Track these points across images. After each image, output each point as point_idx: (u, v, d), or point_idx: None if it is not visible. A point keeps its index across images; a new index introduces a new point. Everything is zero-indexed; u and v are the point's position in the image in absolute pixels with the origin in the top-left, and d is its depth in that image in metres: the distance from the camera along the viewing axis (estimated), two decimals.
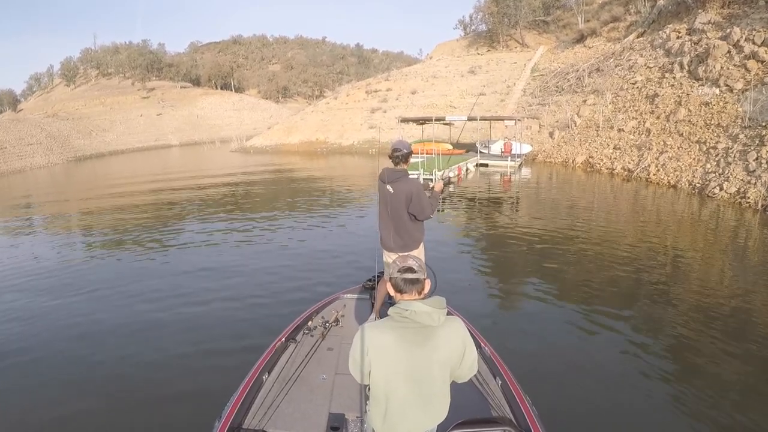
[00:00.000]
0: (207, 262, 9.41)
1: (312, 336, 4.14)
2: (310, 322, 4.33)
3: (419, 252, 4.68)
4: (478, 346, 3.72)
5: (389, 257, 4.54)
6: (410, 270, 2.11)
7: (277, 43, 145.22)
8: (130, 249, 10.87)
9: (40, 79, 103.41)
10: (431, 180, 17.00)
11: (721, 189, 13.83)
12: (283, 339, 3.99)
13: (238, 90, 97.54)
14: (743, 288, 7.32)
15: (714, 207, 13.03)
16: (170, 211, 15.80)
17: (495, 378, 3.43)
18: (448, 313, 2.20)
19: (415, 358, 2.04)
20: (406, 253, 2.30)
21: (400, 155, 4.43)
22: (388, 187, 4.47)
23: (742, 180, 13.58)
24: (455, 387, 2.28)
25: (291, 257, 9.56)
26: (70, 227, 14.44)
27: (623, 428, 4.15)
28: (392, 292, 2.16)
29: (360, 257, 9.01)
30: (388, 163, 4.61)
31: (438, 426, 2.24)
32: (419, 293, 2.12)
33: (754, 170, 13.47)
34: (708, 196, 14.08)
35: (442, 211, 13.64)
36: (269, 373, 3.54)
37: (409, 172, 4.58)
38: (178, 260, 9.74)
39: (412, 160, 4.71)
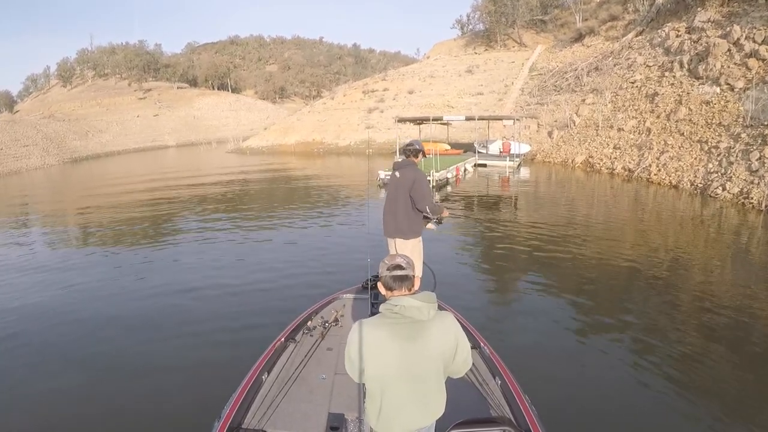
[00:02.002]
0: (205, 263, 9.33)
1: (311, 336, 4.10)
2: (309, 322, 4.30)
3: (415, 245, 4.96)
4: (477, 346, 3.72)
5: (391, 245, 5.00)
6: (398, 267, 2.12)
7: (274, 43, 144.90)
8: (125, 251, 10.70)
9: (37, 80, 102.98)
10: (429, 181, 16.78)
11: (724, 189, 13.63)
12: (283, 339, 3.95)
13: (235, 90, 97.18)
14: (745, 290, 7.17)
15: (717, 207, 12.84)
16: (166, 212, 15.57)
17: (494, 378, 3.39)
18: (440, 308, 2.19)
19: (408, 354, 2.04)
20: (389, 255, 2.29)
21: (411, 149, 5.01)
22: (396, 172, 4.97)
23: (744, 180, 13.38)
24: (454, 386, 2.23)
25: (289, 258, 9.47)
26: (67, 227, 14.25)
27: (622, 428, 4.13)
28: (383, 291, 2.18)
29: (359, 257, 8.79)
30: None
31: (437, 425, 2.22)
32: (409, 290, 2.13)
33: (757, 170, 13.27)
34: (710, 196, 13.89)
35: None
36: (269, 373, 3.51)
37: None
38: (176, 261, 9.65)
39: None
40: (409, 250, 4.90)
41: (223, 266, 9.06)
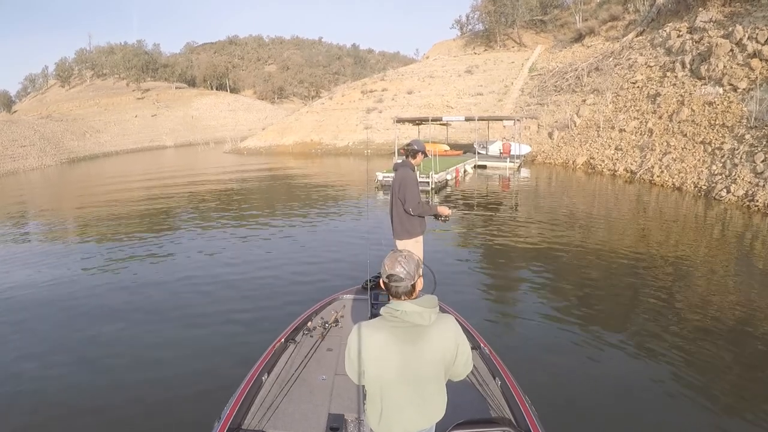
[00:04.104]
0: (204, 264, 9.38)
1: (311, 336, 4.12)
2: (309, 323, 4.32)
3: (412, 246, 4.95)
4: (477, 346, 3.74)
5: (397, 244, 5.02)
6: (395, 278, 2.07)
7: (273, 43, 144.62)
8: (125, 252, 10.67)
9: (35, 80, 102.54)
10: (427, 183, 16.60)
11: (729, 192, 13.40)
12: (283, 339, 3.97)
13: (234, 91, 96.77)
14: (748, 295, 7.09)
15: (721, 210, 12.63)
16: (164, 213, 15.41)
17: (494, 378, 3.41)
18: (442, 311, 2.17)
19: (408, 357, 2.03)
20: (398, 252, 2.18)
21: (410, 149, 5.00)
22: (393, 173, 5.03)
23: (749, 182, 13.16)
24: (454, 387, 2.25)
25: (289, 259, 9.53)
26: (65, 229, 14.09)
27: (622, 428, 4.14)
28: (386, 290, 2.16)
29: (359, 258, 8.85)
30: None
31: (437, 426, 2.23)
32: (408, 297, 2.09)
33: (762, 172, 13.05)
34: (715, 198, 13.67)
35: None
36: (269, 373, 3.52)
37: None
38: (175, 262, 9.69)
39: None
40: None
41: (222, 267, 9.08)
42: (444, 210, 4.95)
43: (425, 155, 5.11)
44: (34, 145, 48.49)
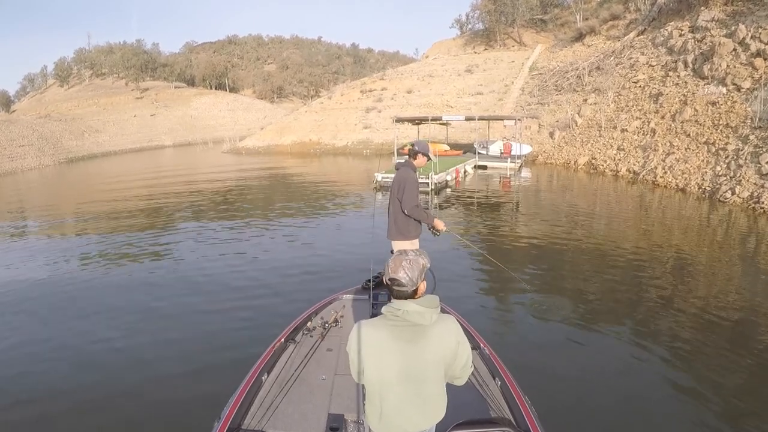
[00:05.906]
0: (203, 264, 9.38)
1: (311, 336, 4.14)
2: (309, 323, 4.33)
3: (408, 248, 4.63)
4: (477, 347, 3.75)
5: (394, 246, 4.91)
6: (398, 283, 2.07)
7: (272, 42, 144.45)
8: (123, 252, 10.62)
9: (34, 79, 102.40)
10: (427, 183, 16.40)
11: (733, 193, 13.20)
12: (283, 339, 3.98)
13: (233, 90, 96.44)
14: (751, 298, 6.99)
15: (725, 212, 12.43)
16: (163, 213, 15.30)
17: (494, 378, 3.42)
18: (442, 311, 2.18)
19: (408, 357, 2.03)
20: (404, 256, 2.12)
21: (411, 150, 4.90)
22: (395, 173, 4.98)
23: (755, 184, 12.95)
24: (454, 387, 2.24)
25: (289, 259, 9.52)
26: (63, 229, 13.96)
27: (622, 428, 4.14)
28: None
29: (359, 258, 8.80)
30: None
31: (437, 426, 2.23)
32: (409, 298, 2.09)
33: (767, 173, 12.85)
34: (719, 200, 13.46)
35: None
36: (268, 373, 3.54)
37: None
38: (175, 262, 9.67)
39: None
40: None
41: (221, 267, 9.08)
42: (439, 224, 4.82)
43: (428, 158, 4.93)
44: (32, 144, 48.26)
